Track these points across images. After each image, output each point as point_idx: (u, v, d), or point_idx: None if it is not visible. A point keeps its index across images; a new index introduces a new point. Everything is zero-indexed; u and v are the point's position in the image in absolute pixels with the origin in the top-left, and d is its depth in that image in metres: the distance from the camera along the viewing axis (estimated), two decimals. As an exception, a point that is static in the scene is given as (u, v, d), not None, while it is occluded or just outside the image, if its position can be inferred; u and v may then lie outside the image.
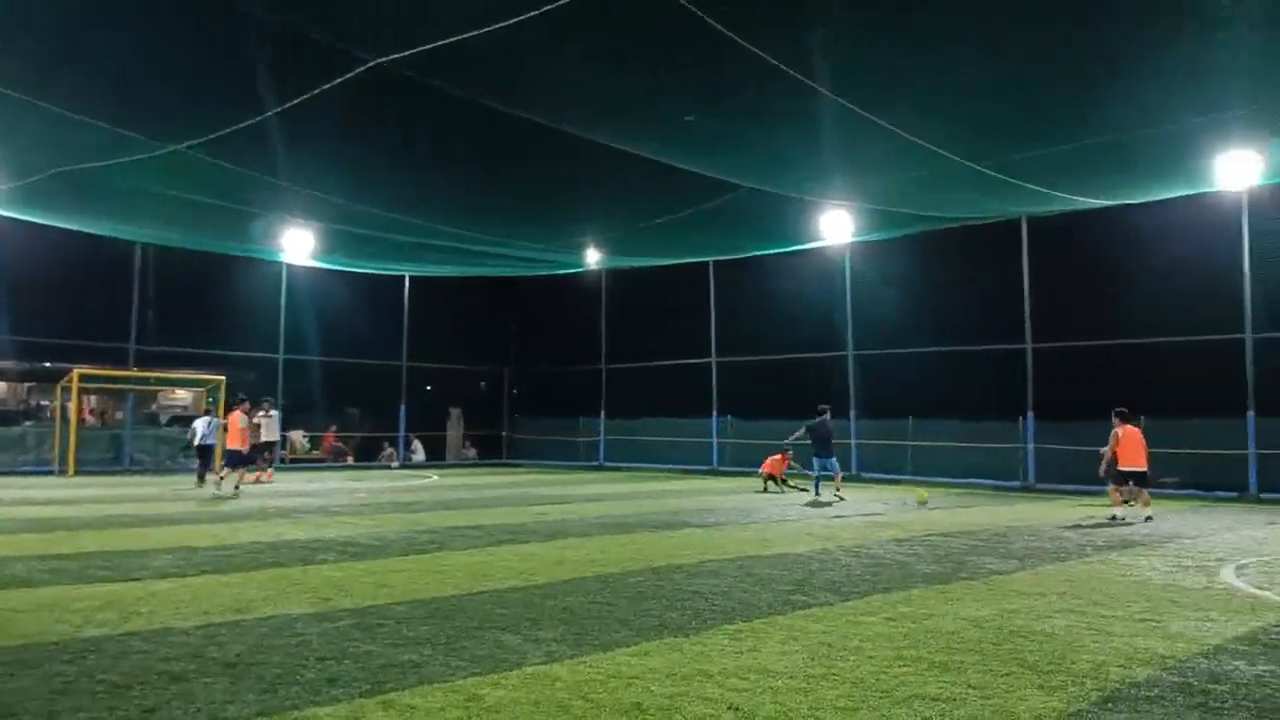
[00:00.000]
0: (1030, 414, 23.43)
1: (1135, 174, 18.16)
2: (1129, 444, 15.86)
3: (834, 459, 19.69)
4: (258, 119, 14.66)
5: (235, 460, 20.62)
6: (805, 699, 5.21)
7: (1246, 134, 15.82)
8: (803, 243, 26.05)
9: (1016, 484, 23.25)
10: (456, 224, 22.52)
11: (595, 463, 32.75)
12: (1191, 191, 19.74)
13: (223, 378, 26.92)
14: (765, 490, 21.54)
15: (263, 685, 5.36)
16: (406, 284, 32.65)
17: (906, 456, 25.84)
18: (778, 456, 22.05)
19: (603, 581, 9.00)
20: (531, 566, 9.90)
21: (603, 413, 33.06)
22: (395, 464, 32.15)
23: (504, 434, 36.64)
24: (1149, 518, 15.35)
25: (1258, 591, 8.88)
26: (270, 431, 24.16)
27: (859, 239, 25.62)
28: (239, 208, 21.61)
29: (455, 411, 36.27)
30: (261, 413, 23.76)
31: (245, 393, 23.04)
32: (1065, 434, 22.80)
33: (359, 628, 6.86)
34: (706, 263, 29.71)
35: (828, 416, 20.10)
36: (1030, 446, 23.39)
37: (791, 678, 5.64)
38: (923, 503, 17.82)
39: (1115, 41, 11.52)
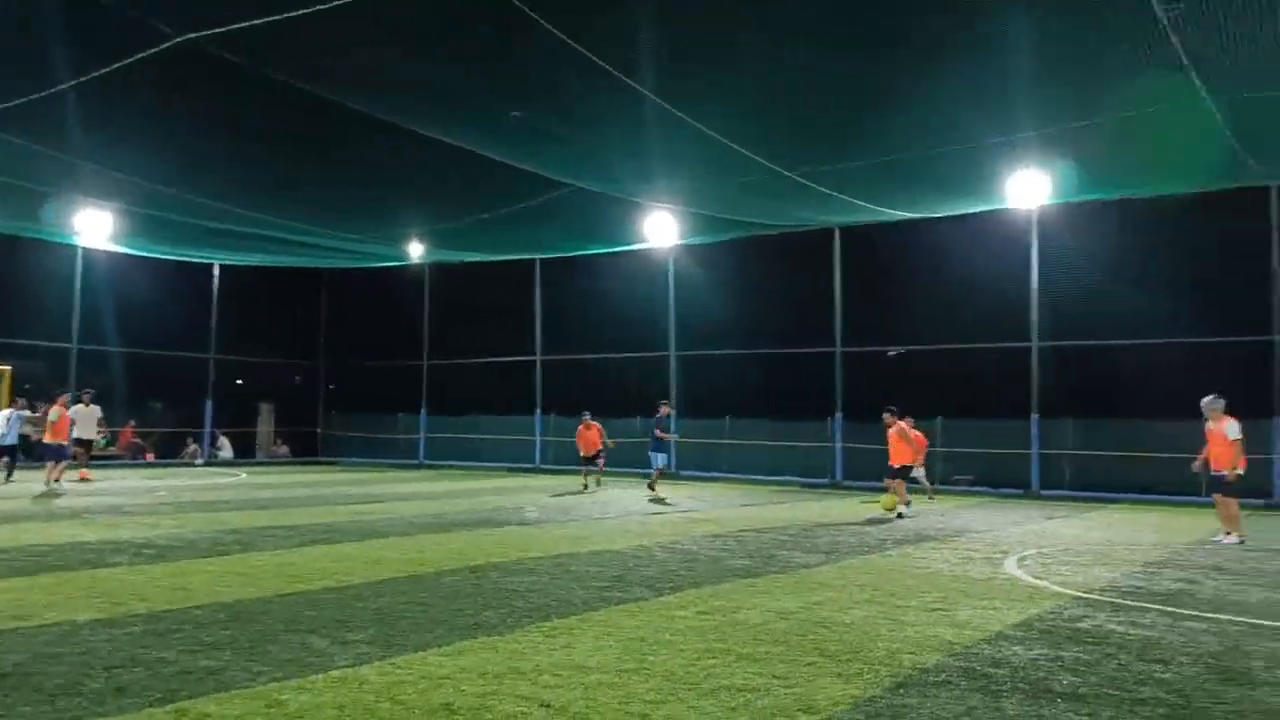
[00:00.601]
0: (839, 414, 24.53)
1: (937, 189, 19.33)
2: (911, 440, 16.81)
3: (663, 455, 19.98)
4: (52, 91, 13.61)
5: (55, 455, 19.49)
6: (616, 693, 5.29)
7: (1034, 156, 17.09)
8: (628, 244, 26.40)
9: (825, 481, 24.30)
10: (269, 211, 21.57)
11: (416, 461, 32.10)
12: (987, 208, 21.19)
13: (8, 368, 24.85)
14: (585, 489, 21.55)
15: (40, 697, 4.98)
16: (216, 272, 31.04)
17: (723, 455, 26.60)
18: (587, 428, 21.65)
19: (418, 581, 8.84)
20: (345, 567, 9.62)
21: (424, 409, 32.43)
22: (199, 461, 30.52)
23: (319, 431, 35.36)
24: (901, 515, 15.80)
25: (1035, 581, 9.60)
26: (87, 427, 22.29)
27: (683, 242, 26.20)
28: (28, 186, 19.98)
29: (266, 407, 34.76)
30: (81, 405, 22.04)
31: (32, 384, 21.37)
32: (870, 434, 24.03)
33: (152, 633, 6.48)
34: (533, 260, 29.64)
35: (664, 412, 20.39)
36: (838, 445, 24.50)
37: (603, 673, 5.71)
38: (890, 509, 15.98)
39: (915, 63, 12.21)
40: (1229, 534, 13.10)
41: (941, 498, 20.55)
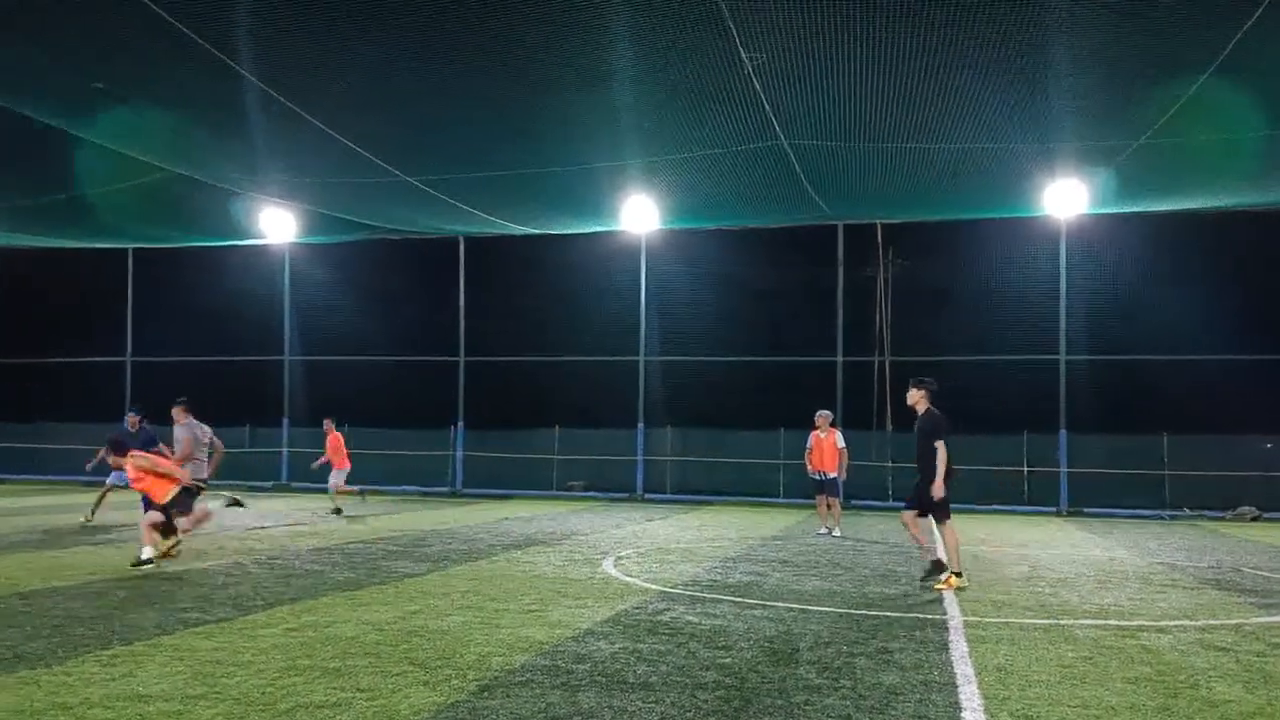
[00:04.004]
0: (460, 423, 24.61)
1: (554, 207, 20.06)
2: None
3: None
4: None
5: None
6: (177, 722, 4.88)
7: (643, 183, 18.25)
8: (238, 238, 24.71)
9: (445, 489, 24.26)
10: None
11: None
12: (603, 229, 22.35)
13: None
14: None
15: None
16: None
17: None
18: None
19: (-50, 612, 7.63)
20: None
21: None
22: None
23: None
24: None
25: (628, 579, 10.19)
26: None
27: (302, 240, 25.00)
28: None
29: None
30: None
31: None
32: (491, 442, 24.50)
33: None
34: (125, 249, 26.78)
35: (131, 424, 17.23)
36: (459, 454, 24.57)
37: (167, 701, 5.24)
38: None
39: (526, 86, 12.60)
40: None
41: (556, 503, 21.29)
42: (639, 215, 20.48)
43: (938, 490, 9.59)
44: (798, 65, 11.45)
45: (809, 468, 15.44)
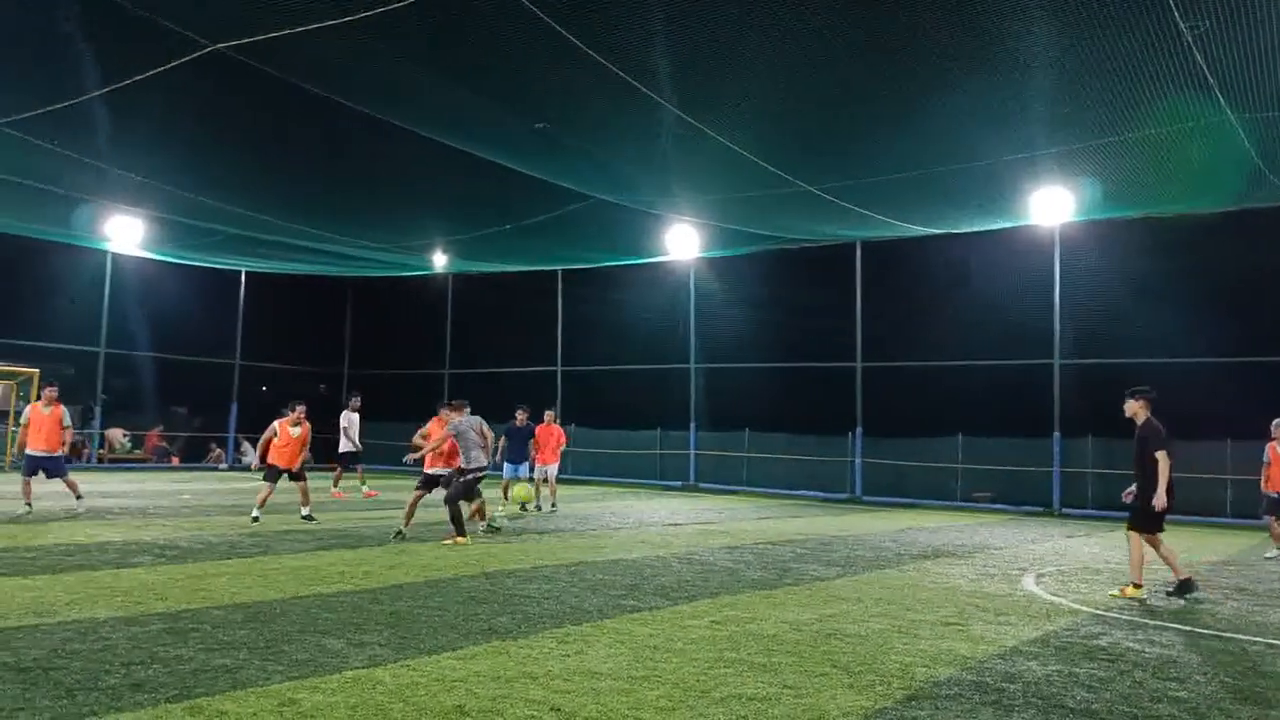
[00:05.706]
0: (859, 429, 24.44)
1: (959, 205, 19.27)
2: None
3: (525, 464, 18.30)
4: (83, 99, 13.83)
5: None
6: (626, 699, 5.31)
7: (1056, 173, 17.00)
8: (650, 256, 26.48)
9: (844, 495, 24.20)
10: (296, 220, 21.79)
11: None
12: (1009, 224, 21.09)
13: (36, 370, 25.17)
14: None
15: (59, 692, 5.06)
16: (243, 280, 31.35)
17: (742, 468, 26.57)
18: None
19: (434, 586, 8.90)
20: (362, 570, 9.70)
21: (445, 418, 32.50)
22: (223, 465, 30.78)
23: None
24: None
25: (1053, 598, 9.54)
26: (349, 438, 21.40)
27: (704, 254, 26.25)
28: (60, 191, 20.27)
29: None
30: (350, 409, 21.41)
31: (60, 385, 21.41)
32: (890, 449, 24.06)
33: (171, 632, 6.57)
34: (555, 271, 29.77)
35: (518, 420, 18.65)
36: (858, 461, 24.40)
37: (615, 679, 5.73)
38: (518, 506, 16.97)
39: (936, 78, 12.22)
40: None
41: (961, 514, 20.47)
42: (1051, 207, 19.12)
43: (1159, 500, 9.51)
44: (1248, 30, 10.11)
45: (1263, 484, 13.57)
